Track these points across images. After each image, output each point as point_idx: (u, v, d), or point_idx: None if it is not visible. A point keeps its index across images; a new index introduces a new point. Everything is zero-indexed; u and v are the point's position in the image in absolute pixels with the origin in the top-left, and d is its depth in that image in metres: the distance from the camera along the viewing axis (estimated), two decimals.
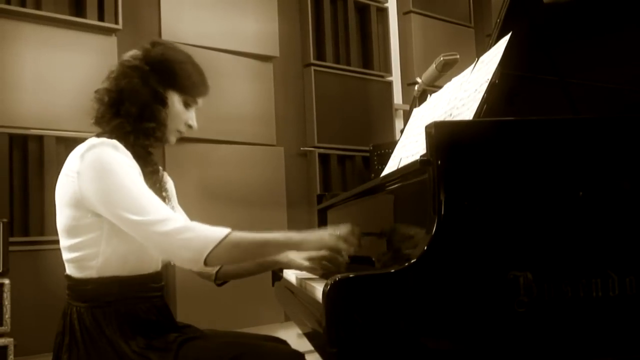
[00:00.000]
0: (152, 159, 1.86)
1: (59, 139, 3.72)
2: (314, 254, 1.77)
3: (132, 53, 1.85)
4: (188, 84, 1.84)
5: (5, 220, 3.15)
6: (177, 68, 1.82)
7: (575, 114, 2.11)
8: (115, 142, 1.69)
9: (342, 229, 1.71)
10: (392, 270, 1.14)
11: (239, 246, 1.64)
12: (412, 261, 1.14)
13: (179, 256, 1.62)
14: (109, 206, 1.61)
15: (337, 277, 1.16)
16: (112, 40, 3.96)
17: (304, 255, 1.83)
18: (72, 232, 1.69)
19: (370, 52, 5.28)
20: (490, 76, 1.61)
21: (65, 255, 1.74)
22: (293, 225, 4.55)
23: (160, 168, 1.93)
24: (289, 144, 4.76)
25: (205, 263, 1.59)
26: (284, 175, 4.65)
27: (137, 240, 1.64)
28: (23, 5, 3.65)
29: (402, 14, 5.57)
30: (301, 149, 4.84)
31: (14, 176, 3.58)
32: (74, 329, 1.67)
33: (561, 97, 2.16)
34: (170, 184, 2.03)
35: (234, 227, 4.04)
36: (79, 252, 1.69)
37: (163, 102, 1.81)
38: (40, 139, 3.65)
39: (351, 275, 1.18)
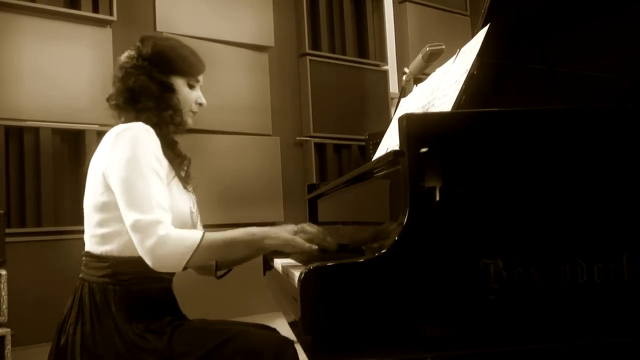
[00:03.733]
0: (179, 148, 1.98)
1: (55, 131, 3.76)
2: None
3: (126, 54, 1.95)
4: (186, 66, 1.95)
5: (1, 211, 3.18)
6: (172, 54, 1.94)
7: (564, 101, 2.12)
8: (148, 127, 1.80)
9: (299, 226, 1.86)
10: (361, 260, 1.17)
11: (211, 248, 1.73)
12: (383, 251, 1.17)
13: (160, 265, 1.70)
14: (121, 185, 1.70)
15: (312, 265, 1.19)
16: (107, 32, 3.99)
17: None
18: (101, 208, 1.78)
19: (365, 41, 5.29)
20: (468, 67, 1.62)
21: (90, 231, 1.82)
22: (289, 215, 4.58)
23: (188, 156, 2.03)
24: (285, 134, 4.78)
25: (184, 269, 1.71)
26: (280, 165, 4.69)
27: None
28: None
29: (398, 3, 5.57)
30: (297, 138, 4.86)
31: (10, 168, 3.62)
32: (84, 304, 1.75)
33: (550, 86, 2.17)
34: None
35: (230, 218, 4.08)
36: (105, 229, 1.78)
37: (171, 89, 1.93)
38: (36, 130, 3.69)
39: (328, 264, 1.21)
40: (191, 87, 1.98)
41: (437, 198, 1.23)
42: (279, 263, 2.16)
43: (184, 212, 1.90)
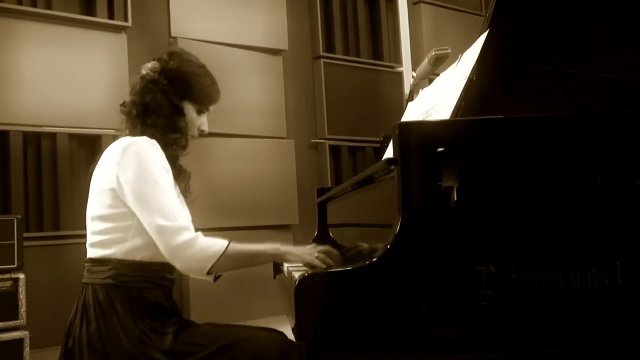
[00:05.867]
0: (180, 164, 2.03)
1: (72, 136, 3.82)
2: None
3: (151, 66, 1.97)
4: (203, 96, 2.00)
5: (19, 216, 3.24)
6: (194, 81, 1.97)
7: (573, 103, 2.11)
8: (153, 141, 1.85)
9: (322, 249, 1.85)
10: (350, 268, 1.18)
11: (236, 258, 1.80)
12: (374, 260, 1.18)
13: (186, 267, 1.79)
14: (138, 199, 1.76)
15: (306, 272, 1.21)
16: (123, 38, 4.04)
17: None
18: (105, 218, 1.82)
19: (380, 43, 5.29)
20: (468, 73, 1.63)
21: (93, 239, 1.86)
22: (304, 217, 4.59)
23: (188, 171, 2.08)
24: (300, 137, 4.80)
25: (209, 273, 1.79)
26: (295, 167, 4.70)
27: None
28: (34, 5, 3.74)
29: (413, 4, 5.56)
30: (312, 141, 4.88)
31: (28, 173, 3.68)
32: (88, 305, 1.79)
33: (560, 88, 2.16)
34: None
35: (246, 221, 4.10)
36: (107, 236, 1.83)
37: (182, 113, 1.97)
38: (53, 136, 3.75)
39: (321, 272, 1.23)
40: (199, 113, 2.01)
41: (430, 205, 1.23)
42: (286, 266, 2.18)
43: None
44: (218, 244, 1.75)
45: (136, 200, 1.76)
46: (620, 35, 2.31)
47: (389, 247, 1.19)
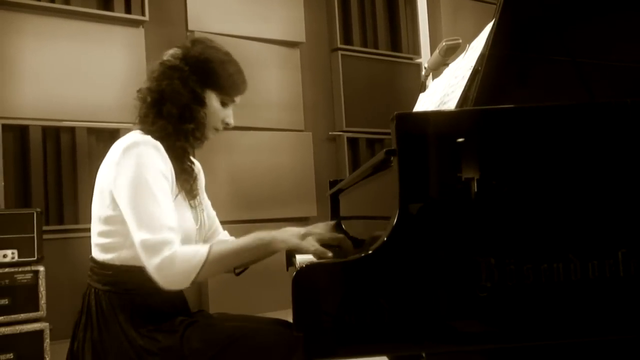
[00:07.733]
0: (188, 159, 1.92)
1: (90, 130, 3.87)
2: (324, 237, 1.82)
3: (172, 52, 1.88)
4: (227, 84, 1.88)
5: (39, 209, 3.29)
6: (217, 68, 1.85)
7: (589, 93, 2.08)
8: (157, 143, 1.74)
9: (307, 229, 1.80)
10: (345, 260, 1.18)
11: (220, 262, 1.71)
12: (369, 252, 1.18)
13: (168, 284, 1.69)
14: (127, 206, 1.68)
15: (305, 263, 1.21)
16: (140, 32, 4.08)
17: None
18: (105, 219, 1.76)
19: (398, 34, 5.27)
20: (473, 63, 1.62)
21: (94, 239, 1.82)
22: (322, 210, 4.60)
23: (196, 164, 2.00)
24: (318, 129, 4.81)
25: (193, 284, 1.69)
26: (313, 160, 4.71)
27: None
28: (52, 0, 3.78)
29: None
30: (330, 133, 4.88)
31: (47, 167, 3.74)
32: (91, 311, 1.75)
33: (575, 77, 2.13)
34: (201, 175, 2.09)
35: (263, 214, 4.10)
36: (107, 239, 1.77)
37: (202, 102, 1.85)
38: (72, 130, 3.81)
39: (314, 264, 1.22)
40: (224, 104, 1.90)
41: (428, 197, 1.23)
42: (298, 259, 2.18)
43: (187, 229, 1.85)
44: (197, 255, 1.66)
45: (125, 207, 1.68)
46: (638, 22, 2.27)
47: (385, 238, 1.18)
